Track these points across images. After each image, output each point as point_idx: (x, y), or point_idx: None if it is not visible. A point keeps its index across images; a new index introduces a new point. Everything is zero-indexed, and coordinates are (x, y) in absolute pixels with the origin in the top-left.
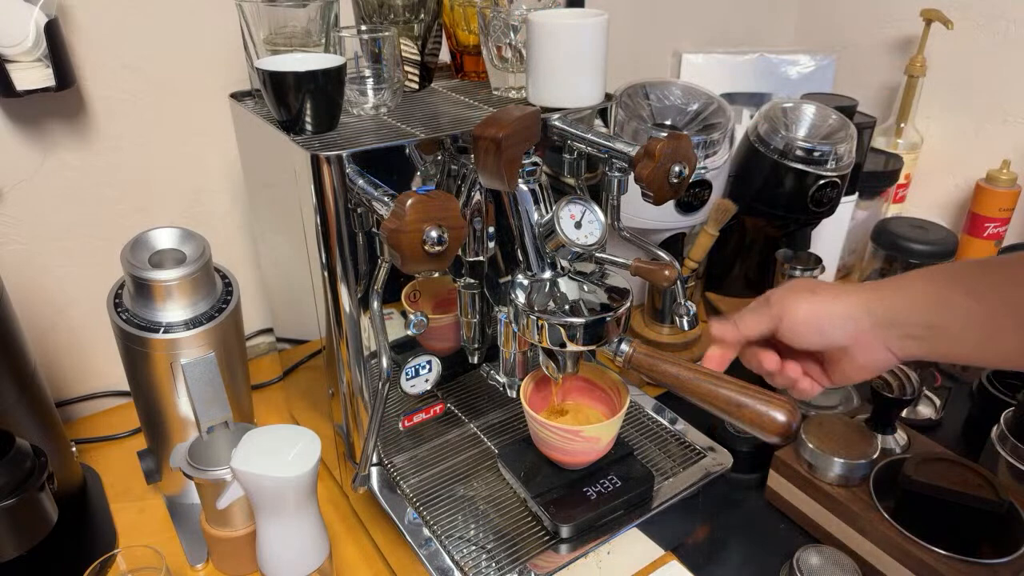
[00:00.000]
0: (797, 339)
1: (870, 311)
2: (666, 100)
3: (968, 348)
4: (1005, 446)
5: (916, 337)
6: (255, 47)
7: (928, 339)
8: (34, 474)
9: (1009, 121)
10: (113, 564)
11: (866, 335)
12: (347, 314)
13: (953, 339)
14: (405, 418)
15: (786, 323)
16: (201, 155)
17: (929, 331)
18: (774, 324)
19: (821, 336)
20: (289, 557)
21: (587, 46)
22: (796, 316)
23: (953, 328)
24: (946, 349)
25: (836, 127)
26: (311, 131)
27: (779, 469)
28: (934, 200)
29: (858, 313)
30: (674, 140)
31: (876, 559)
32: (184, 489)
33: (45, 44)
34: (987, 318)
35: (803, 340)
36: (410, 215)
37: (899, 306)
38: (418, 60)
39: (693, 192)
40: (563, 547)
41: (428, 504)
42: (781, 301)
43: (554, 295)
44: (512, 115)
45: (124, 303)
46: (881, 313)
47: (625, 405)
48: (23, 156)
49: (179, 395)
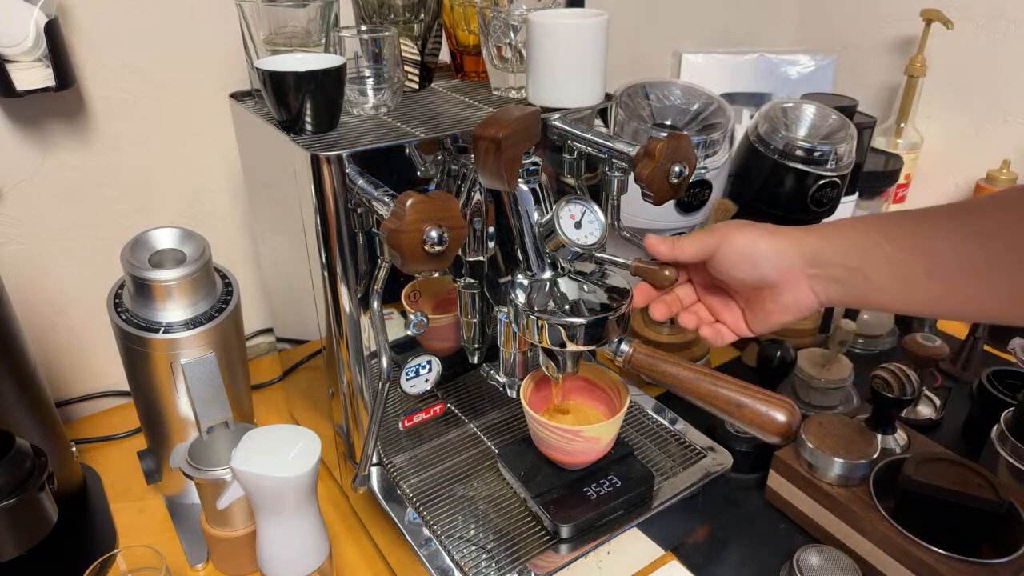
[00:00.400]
0: (729, 268)
1: (800, 249)
2: (666, 100)
3: (884, 294)
4: (1005, 446)
5: (838, 280)
6: (255, 47)
7: (848, 282)
8: (34, 474)
9: (1009, 121)
10: (113, 564)
11: (795, 273)
12: (347, 314)
13: (870, 284)
14: (405, 418)
15: (722, 251)
16: (201, 155)
17: (849, 273)
18: (710, 250)
19: (753, 267)
20: (289, 557)
21: (587, 46)
22: (733, 244)
23: (869, 271)
24: (864, 293)
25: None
26: (311, 131)
27: (779, 469)
28: (934, 200)
29: (790, 249)
30: (674, 140)
31: (876, 559)
32: (184, 489)
33: (45, 44)
34: (901, 264)
35: (735, 270)
36: (410, 215)
37: (825, 246)
38: (418, 60)
39: (693, 192)
40: (563, 547)
41: (428, 504)
42: (721, 231)
43: (554, 295)
44: (512, 115)
45: (124, 303)
46: (809, 251)
47: (625, 405)
48: (23, 156)
49: (179, 395)
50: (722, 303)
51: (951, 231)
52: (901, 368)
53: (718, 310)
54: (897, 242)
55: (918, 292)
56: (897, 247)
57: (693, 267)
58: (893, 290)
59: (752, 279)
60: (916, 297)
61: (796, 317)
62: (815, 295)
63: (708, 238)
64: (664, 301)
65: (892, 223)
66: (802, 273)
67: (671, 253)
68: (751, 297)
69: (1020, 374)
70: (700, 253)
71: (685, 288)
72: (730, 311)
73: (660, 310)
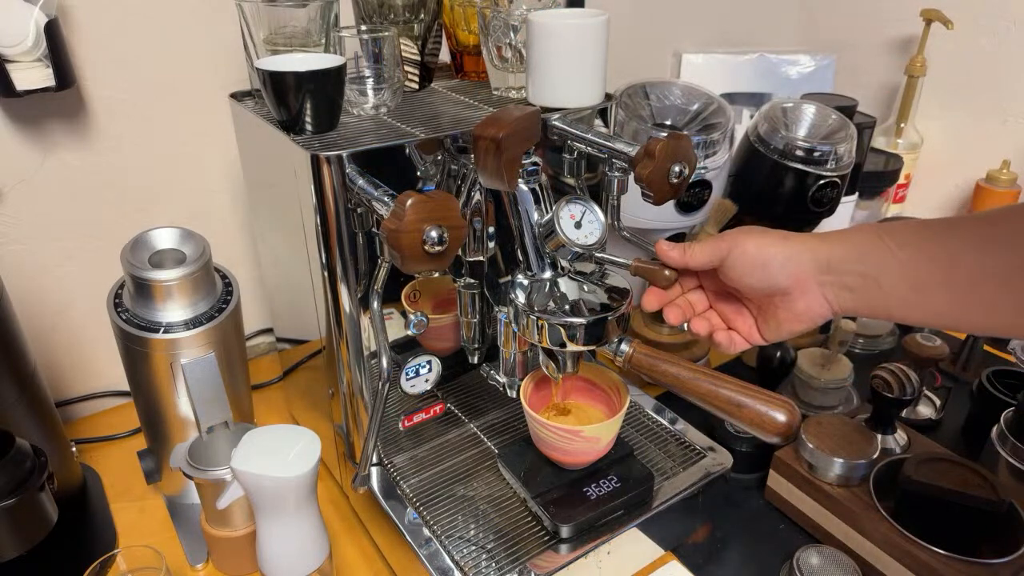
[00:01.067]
0: (740, 275)
1: (814, 255)
2: (666, 100)
3: (897, 303)
4: (1005, 446)
5: (850, 288)
6: (255, 47)
7: (861, 290)
8: (34, 474)
9: (1009, 121)
10: (113, 564)
11: (807, 279)
12: (347, 314)
13: (883, 292)
14: (405, 418)
15: (733, 256)
16: (201, 155)
17: (862, 281)
18: (721, 257)
19: (764, 273)
20: (289, 557)
21: (587, 46)
22: (744, 250)
23: (883, 279)
24: (877, 302)
25: (836, 127)
26: (311, 131)
27: (779, 469)
28: (934, 200)
29: (802, 256)
30: (674, 140)
31: (876, 559)
32: (184, 489)
33: (45, 44)
34: (915, 272)
35: (746, 276)
36: (410, 215)
37: (838, 252)
38: (418, 60)
39: (693, 192)
40: (563, 547)
41: (428, 504)
42: (732, 237)
43: (554, 295)
44: (512, 115)
45: (124, 303)
46: (823, 258)
47: (625, 405)
48: (23, 156)
49: (179, 395)
50: (734, 311)
51: (968, 239)
52: (901, 368)
53: (730, 318)
54: (911, 250)
55: (932, 301)
56: (911, 255)
57: (705, 274)
58: (906, 299)
59: (764, 285)
60: (929, 307)
61: (809, 326)
62: (828, 303)
63: (719, 244)
64: (677, 304)
65: (907, 230)
66: (815, 280)
67: (682, 260)
68: (763, 305)
69: (1020, 374)
70: (711, 259)
71: (697, 294)
72: (743, 319)
73: (674, 314)
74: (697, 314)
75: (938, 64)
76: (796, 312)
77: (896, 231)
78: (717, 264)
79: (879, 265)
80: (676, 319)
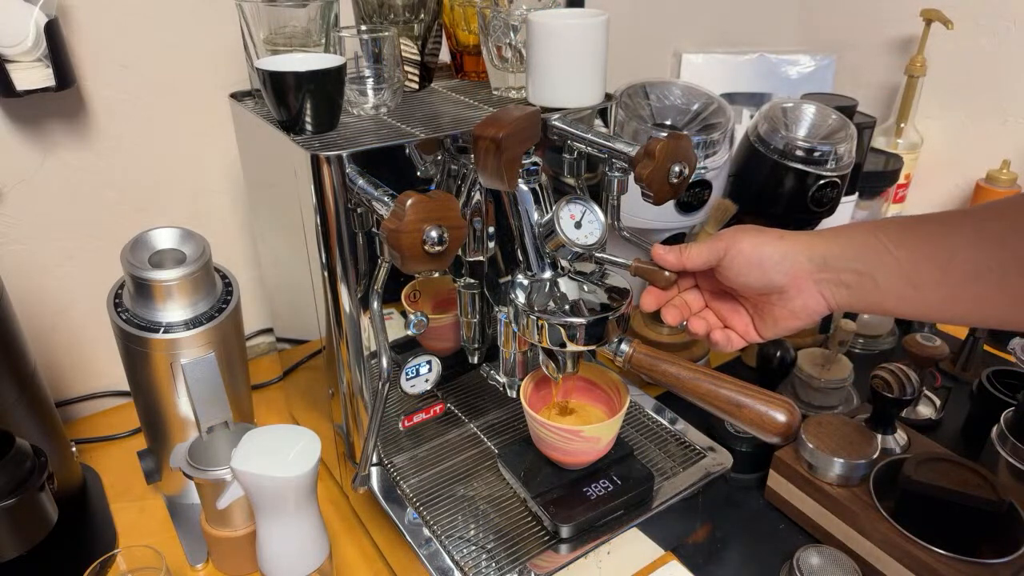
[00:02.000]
0: (737, 274)
1: (809, 254)
2: (666, 100)
3: (893, 299)
4: (1005, 446)
5: (847, 285)
6: (255, 47)
7: (857, 287)
8: (34, 474)
9: (1009, 121)
10: (113, 564)
11: (803, 277)
12: (347, 314)
13: (879, 289)
14: (405, 418)
15: (730, 256)
16: (201, 155)
17: (858, 278)
18: (717, 257)
19: (761, 272)
20: (289, 557)
21: (587, 46)
22: (740, 249)
23: (879, 276)
24: (873, 299)
25: (836, 127)
26: (311, 131)
27: (779, 469)
28: (934, 200)
29: (799, 254)
30: (674, 140)
31: (876, 559)
32: (184, 489)
33: (45, 44)
34: (911, 270)
35: (743, 275)
36: (410, 215)
37: (834, 251)
38: (418, 60)
39: (693, 192)
40: (563, 547)
41: (428, 504)
42: (728, 237)
43: (554, 295)
44: (512, 115)
45: (124, 303)
46: (818, 256)
47: (625, 405)
48: (23, 156)
49: (179, 395)
50: (731, 309)
51: (963, 234)
52: (901, 368)
53: (727, 316)
54: (907, 246)
55: (928, 297)
56: (907, 251)
57: (700, 274)
58: (902, 295)
59: (760, 284)
60: (924, 302)
61: (806, 323)
62: (824, 300)
63: (715, 244)
64: (674, 305)
65: (902, 227)
66: (811, 278)
67: (679, 262)
68: (760, 303)
69: (1020, 374)
70: (708, 260)
71: (693, 294)
72: (739, 317)
73: (672, 314)
74: (693, 313)
75: (938, 64)
76: (793, 309)
77: (891, 229)
78: (714, 264)
79: (875, 263)
80: (674, 319)
